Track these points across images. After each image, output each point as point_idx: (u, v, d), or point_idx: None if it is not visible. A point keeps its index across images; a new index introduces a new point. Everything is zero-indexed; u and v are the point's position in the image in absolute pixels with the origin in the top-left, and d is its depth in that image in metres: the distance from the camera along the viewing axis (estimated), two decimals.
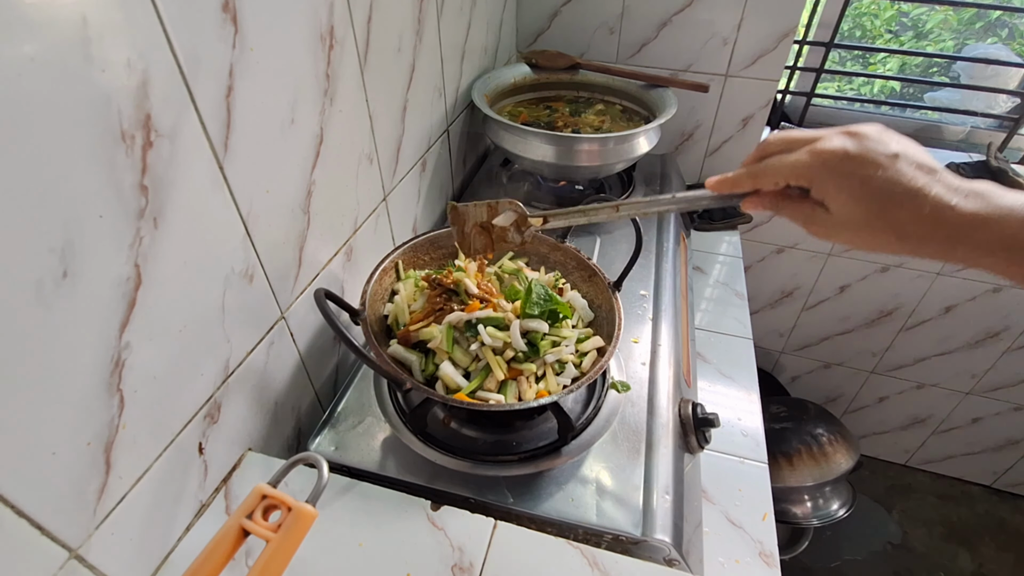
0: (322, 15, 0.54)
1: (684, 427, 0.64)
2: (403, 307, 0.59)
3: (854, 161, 0.37)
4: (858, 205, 0.37)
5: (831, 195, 0.38)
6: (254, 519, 0.35)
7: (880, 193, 0.36)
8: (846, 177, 0.37)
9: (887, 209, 0.36)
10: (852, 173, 0.37)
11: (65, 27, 0.31)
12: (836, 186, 0.38)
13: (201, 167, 0.43)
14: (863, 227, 0.38)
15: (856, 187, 0.37)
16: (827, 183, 0.38)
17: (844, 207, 0.38)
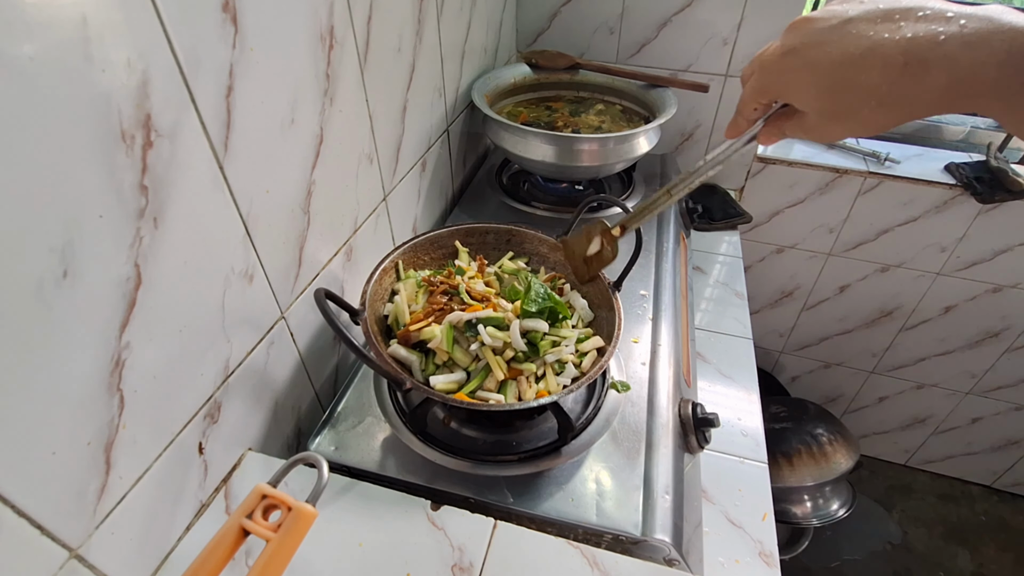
0: (322, 15, 0.54)
1: (684, 427, 0.64)
2: (403, 307, 0.59)
3: (796, 52, 0.34)
4: (820, 93, 0.34)
5: (793, 97, 0.36)
6: (254, 519, 0.35)
7: (836, 67, 0.32)
8: (793, 72, 0.34)
9: (850, 80, 0.32)
10: (797, 66, 0.34)
11: (65, 27, 0.31)
12: (789, 86, 0.35)
13: (201, 167, 0.43)
14: (840, 111, 0.34)
15: (807, 77, 0.34)
16: (782, 88, 0.36)
17: (810, 100, 0.35)
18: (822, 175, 1.26)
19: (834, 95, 0.33)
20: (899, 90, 0.31)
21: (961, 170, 1.21)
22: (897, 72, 0.30)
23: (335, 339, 0.69)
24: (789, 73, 0.35)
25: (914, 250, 1.33)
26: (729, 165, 1.36)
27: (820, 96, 0.34)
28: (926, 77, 0.30)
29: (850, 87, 0.32)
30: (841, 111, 0.34)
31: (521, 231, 0.70)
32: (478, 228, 0.70)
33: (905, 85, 0.30)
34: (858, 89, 0.32)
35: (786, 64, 0.35)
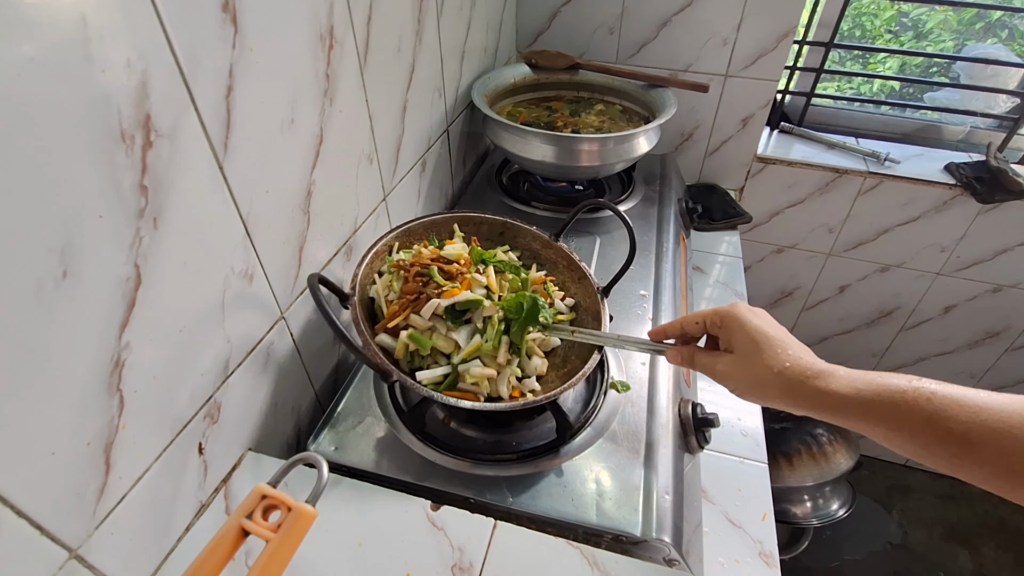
0: (322, 15, 0.54)
1: (684, 427, 0.64)
2: (380, 295, 0.59)
3: (757, 315, 0.48)
4: (755, 341, 0.46)
5: (736, 334, 0.47)
6: (254, 519, 0.35)
7: (771, 337, 0.46)
8: (750, 322, 0.47)
9: (774, 347, 0.45)
10: (755, 321, 0.47)
11: (65, 27, 0.31)
12: (740, 327, 0.47)
13: (201, 167, 0.43)
14: (755, 361, 0.45)
15: (754, 329, 0.46)
16: (734, 325, 0.48)
17: (744, 343, 0.47)
18: (822, 175, 1.26)
19: (759, 347, 0.46)
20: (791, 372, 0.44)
21: (961, 170, 1.21)
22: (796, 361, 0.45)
23: (335, 339, 0.69)
24: (744, 319, 0.48)
25: (914, 250, 1.33)
26: (729, 165, 1.35)
27: (751, 342, 0.46)
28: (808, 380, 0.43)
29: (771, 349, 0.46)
30: (753, 361, 0.46)
31: (515, 225, 0.70)
32: (473, 218, 0.70)
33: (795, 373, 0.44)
34: (775, 353, 0.45)
35: (746, 314, 0.48)
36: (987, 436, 0.35)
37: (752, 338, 0.46)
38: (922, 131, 1.38)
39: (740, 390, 0.47)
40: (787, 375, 0.43)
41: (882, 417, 0.39)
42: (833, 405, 0.41)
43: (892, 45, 1.65)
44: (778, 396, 0.44)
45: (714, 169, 1.29)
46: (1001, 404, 0.36)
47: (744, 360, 0.47)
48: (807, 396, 0.43)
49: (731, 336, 0.48)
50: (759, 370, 0.45)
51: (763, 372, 0.45)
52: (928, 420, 0.37)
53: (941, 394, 0.37)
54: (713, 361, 0.50)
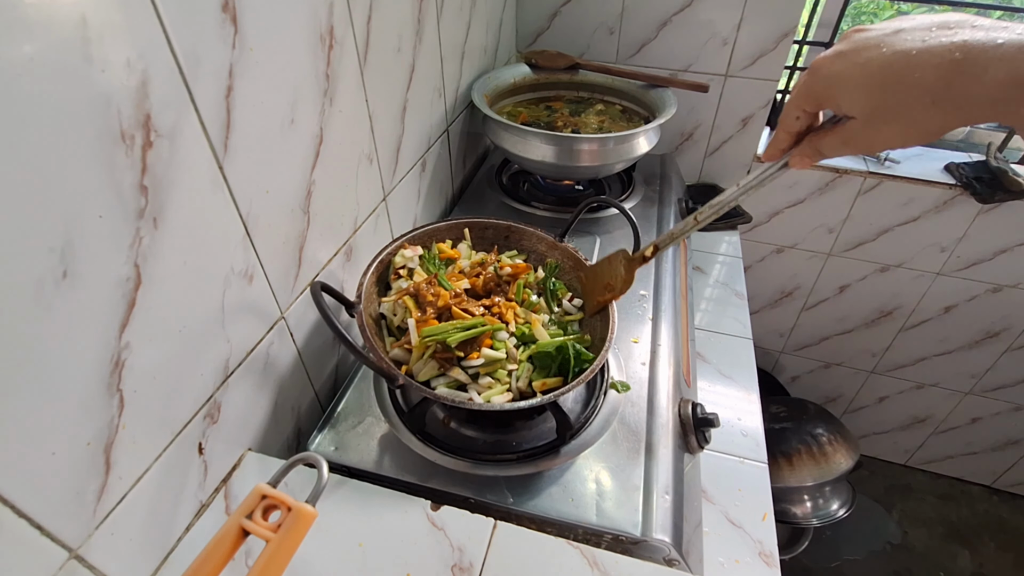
0: (322, 15, 0.54)
1: (684, 427, 0.64)
2: (390, 315, 0.60)
3: (846, 55, 0.34)
4: (871, 89, 0.33)
5: (841, 98, 0.35)
6: (254, 519, 0.35)
7: (889, 63, 0.32)
8: (845, 71, 0.34)
9: (903, 76, 0.32)
10: (850, 64, 0.34)
11: (65, 27, 0.31)
12: (841, 84, 0.35)
13: (201, 167, 0.43)
14: (891, 111, 0.33)
15: (858, 73, 0.34)
16: (829, 90, 0.36)
17: (860, 100, 0.34)
18: (822, 175, 1.26)
19: (885, 93, 0.33)
20: (955, 88, 0.30)
21: (961, 170, 1.21)
22: (953, 69, 0.30)
23: (335, 339, 0.69)
24: (839, 73, 0.35)
25: (914, 250, 1.33)
26: (729, 165, 1.36)
27: (871, 94, 0.34)
28: (983, 75, 0.29)
29: (903, 84, 0.32)
30: (891, 111, 0.33)
31: (520, 228, 0.70)
32: (477, 223, 0.70)
33: (961, 83, 0.30)
34: (911, 86, 0.32)
35: (837, 65, 0.35)
36: None
37: (863, 87, 0.34)
38: None
39: (896, 145, 0.36)
40: (948, 100, 0.31)
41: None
42: None
43: None
44: (952, 122, 0.32)
45: (714, 169, 1.29)
46: None
47: (874, 117, 0.34)
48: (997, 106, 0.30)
49: (837, 101, 0.36)
50: (904, 116, 0.33)
51: (912, 116, 0.33)
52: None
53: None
54: (840, 137, 0.38)
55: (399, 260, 0.64)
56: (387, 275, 0.64)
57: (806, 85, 0.37)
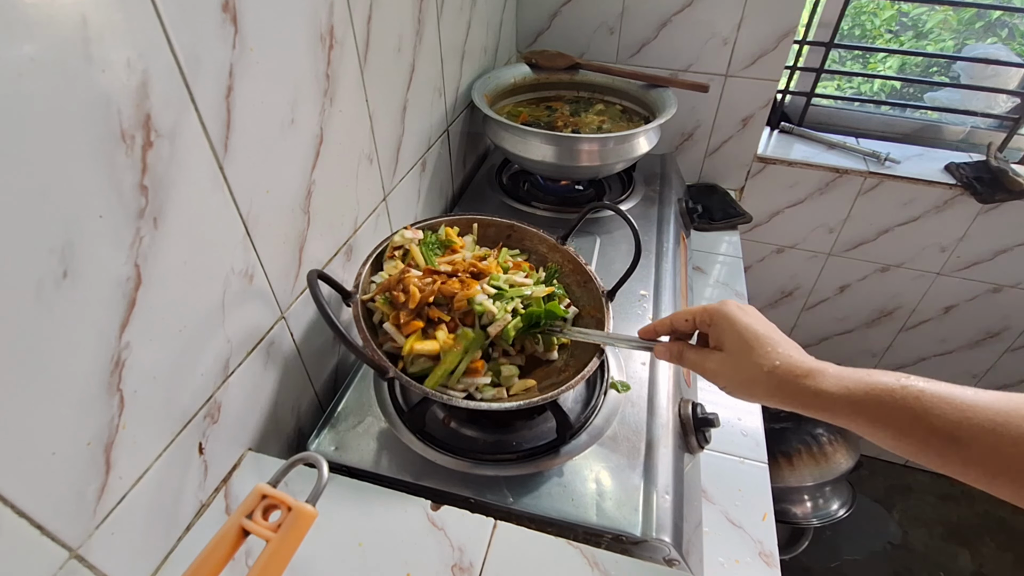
0: (322, 15, 0.54)
1: (684, 427, 0.64)
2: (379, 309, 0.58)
3: (747, 312, 0.48)
4: (745, 339, 0.45)
5: (725, 332, 0.47)
6: (254, 519, 0.35)
7: (761, 334, 0.45)
8: (740, 319, 0.47)
9: (764, 345, 0.44)
10: (744, 317, 0.47)
11: (65, 27, 0.31)
12: (730, 325, 0.47)
13: (201, 167, 0.43)
14: (745, 360, 0.45)
15: (744, 327, 0.46)
16: (724, 323, 0.47)
17: (733, 341, 0.46)
18: (822, 175, 1.26)
19: (749, 345, 0.45)
20: (781, 371, 0.44)
21: (961, 170, 1.21)
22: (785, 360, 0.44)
23: (335, 338, 0.69)
24: (735, 317, 0.47)
25: (914, 250, 1.33)
26: (729, 165, 1.35)
27: (740, 340, 0.46)
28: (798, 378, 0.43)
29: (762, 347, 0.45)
30: (743, 359, 0.46)
31: (522, 228, 0.70)
32: (480, 221, 0.70)
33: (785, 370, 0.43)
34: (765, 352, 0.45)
35: (736, 312, 0.47)
36: (976, 434, 0.35)
37: (742, 336, 0.46)
38: (922, 131, 1.38)
39: (730, 388, 0.47)
40: (777, 374, 0.43)
41: (871, 416, 0.39)
42: (823, 404, 0.41)
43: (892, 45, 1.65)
44: (768, 395, 0.44)
45: (714, 169, 1.29)
46: (989, 402, 0.35)
47: (734, 359, 0.46)
48: (796, 395, 0.42)
49: (721, 334, 0.47)
50: (749, 369, 0.45)
51: (753, 371, 0.44)
52: (916, 418, 0.37)
53: (930, 392, 0.37)
54: (703, 359, 0.49)
55: (397, 239, 0.63)
56: (382, 259, 0.64)
57: (713, 310, 0.49)
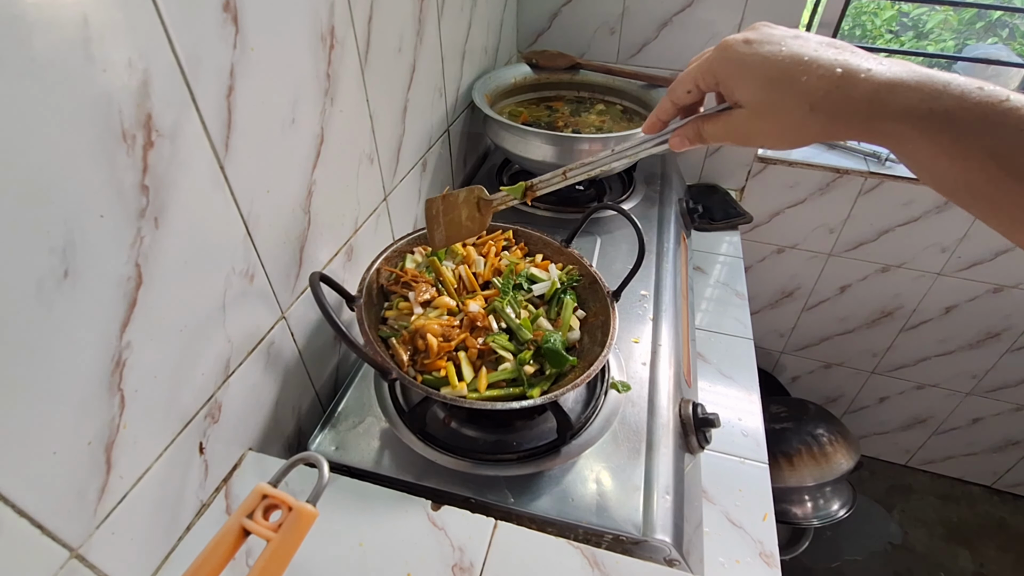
0: (323, 15, 0.54)
1: (684, 427, 0.64)
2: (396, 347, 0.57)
3: (753, 43, 0.37)
4: (764, 81, 0.36)
5: (737, 83, 0.37)
6: (255, 519, 0.35)
7: (785, 62, 0.35)
8: (749, 58, 0.37)
9: (793, 78, 0.35)
10: (753, 53, 0.36)
11: (66, 27, 0.31)
12: (739, 71, 0.37)
13: (202, 167, 0.43)
14: (775, 108, 0.36)
15: (759, 64, 0.36)
16: (731, 71, 0.38)
17: (751, 90, 0.37)
18: (823, 175, 1.26)
19: (773, 89, 0.36)
20: (831, 99, 0.34)
21: None
22: (833, 81, 0.34)
23: (335, 338, 0.69)
24: (743, 59, 0.37)
25: (915, 250, 1.32)
26: (729, 165, 1.35)
27: (760, 87, 0.36)
28: (854, 91, 0.33)
29: (790, 84, 0.35)
30: (776, 108, 0.36)
31: (525, 232, 0.70)
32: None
33: (837, 95, 0.34)
34: (797, 88, 0.35)
35: (743, 49, 0.37)
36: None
37: (761, 78, 0.36)
38: None
39: (773, 143, 0.38)
40: (825, 108, 0.34)
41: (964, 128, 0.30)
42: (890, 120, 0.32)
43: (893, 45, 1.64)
44: (823, 135, 0.35)
45: (715, 169, 1.29)
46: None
47: (763, 109, 0.37)
48: (860, 122, 0.33)
49: (734, 86, 0.38)
50: (786, 114, 0.36)
51: (792, 116, 0.35)
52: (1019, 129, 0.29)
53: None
54: (726, 126, 0.39)
55: (409, 264, 0.64)
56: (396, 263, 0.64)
57: (710, 61, 0.39)
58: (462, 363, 0.55)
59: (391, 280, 0.63)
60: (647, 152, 0.44)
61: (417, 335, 0.55)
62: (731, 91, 0.38)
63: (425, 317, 0.57)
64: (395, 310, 0.60)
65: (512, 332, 0.58)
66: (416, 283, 0.60)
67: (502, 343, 0.56)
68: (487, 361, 0.57)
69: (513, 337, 0.58)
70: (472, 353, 0.56)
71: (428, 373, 0.54)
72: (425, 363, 0.54)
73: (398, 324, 0.58)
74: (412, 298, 0.59)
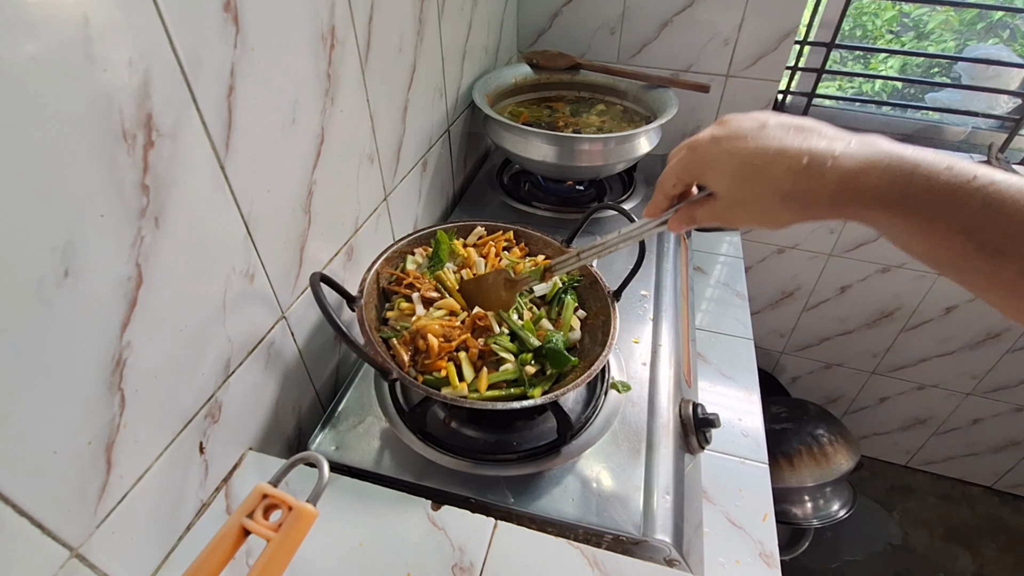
0: (323, 15, 0.54)
1: (685, 427, 0.64)
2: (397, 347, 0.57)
3: (720, 141, 0.39)
4: (734, 177, 0.38)
5: (712, 178, 0.40)
6: (255, 518, 0.35)
7: (752, 158, 0.37)
8: (717, 157, 0.39)
9: (761, 172, 0.36)
10: (721, 151, 0.39)
11: (67, 26, 0.31)
12: (712, 168, 0.40)
13: (202, 167, 0.43)
14: (748, 199, 0.38)
15: (726, 161, 0.38)
16: (705, 169, 0.40)
17: (725, 184, 0.39)
18: None
19: (745, 184, 0.38)
20: (799, 188, 0.35)
21: None
22: (799, 171, 0.35)
23: (335, 338, 0.69)
24: (712, 157, 0.40)
25: None
26: None
27: (734, 183, 0.39)
28: (821, 180, 0.34)
29: (760, 179, 0.37)
30: (749, 200, 0.38)
31: (526, 232, 0.70)
32: (485, 226, 0.70)
33: (805, 185, 0.35)
34: (765, 181, 0.37)
35: (712, 150, 0.40)
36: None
37: (728, 174, 0.38)
38: (923, 131, 1.38)
39: (754, 226, 0.40)
40: (795, 198, 0.35)
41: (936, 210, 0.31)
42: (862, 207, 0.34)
43: (893, 45, 1.64)
44: (797, 217, 0.37)
45: None
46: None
47: (736, 200, 0.39)
48: (833, 208, 0.35)
49: (708, 181, 0.41)
50: (759, 205, 0.38)
51: (765, 205, 0.37)
52: (986, 206, 0.30)
53: (1000, 180, 0.31)
54: (710, 211, 0.42)
55: (410, 265, 0.64)
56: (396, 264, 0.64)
57: (684, 160, 0.42)
58: (463, 363, 0.55)
59: (392, 281, 0.63)
60: (649, 233, 0.48)
61: (418, 335, 0.55)
62: (708, 184, 0.41)
63: (428, 317, 0.57)
64: (396, 311, 0.60)
65: (514, 334, 0.58)
66: (419, 283, 0.61)
67: (504, 344, 0.56)
68: (488, 362, 0.57)
69: (515, 338, 0.58)
70: (473, 353, 0.56)
71: (429, 373, 0.54)
72: (426, 363, 0.54)
73: (399, 325, 0.58)
74: (416, 298, 0.59)
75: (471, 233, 0.70)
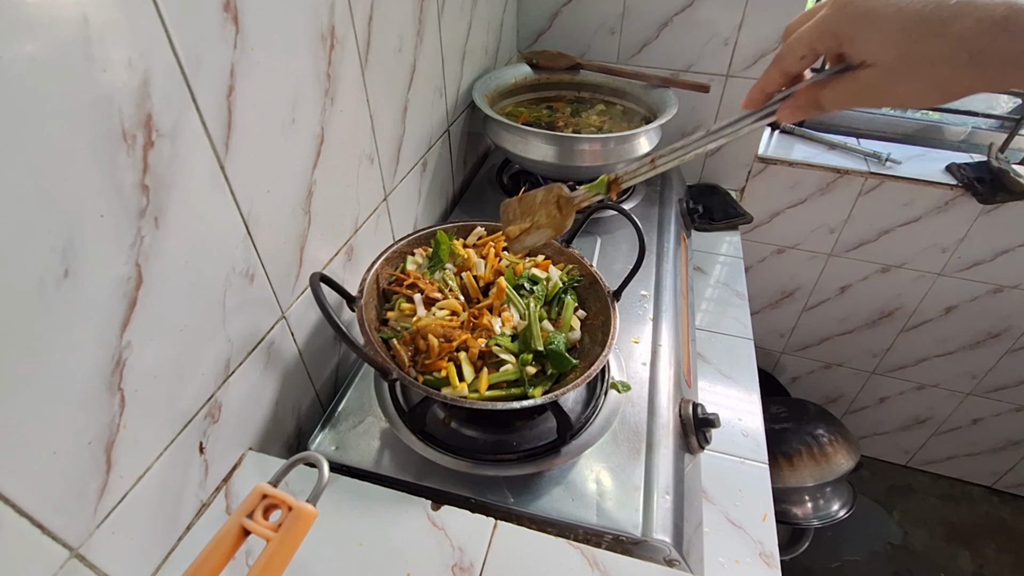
0: (323, 15, 0.54)
1: (684, 427, 0.64)
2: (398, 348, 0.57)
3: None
4: (903, 36, 0.30)
5: (868, 39, 0.31)
6: (255, 518, 0.35)
7: (927, 11, 0.29)
8: (879, 10, 0.31)
9: (941, 28, 0.29)
10: (884, 5, 0.31)
11: (66, 26, 0.31)
12: (870, 26, 0.31)
13: (202, 167, 0.43)
14: (920, 64, 0.30)
15: (893, 16, 0.30)
16: (859, 27, 0.32)
17: (888, 48, 0.31)
18: (823, 175, 1.26)
19: (918, 42, 0.30)
20: (995, 46, 0.28)
21: (962, 171, 1.21)
22: (996, 25, 0.28)
23: (335, 338, 0.69)
24: (872, 12, 0.31)
25: (915, 251, 1.32)
26: (730, 165, 1.35)
27: (899, 42, 0.30)
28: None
29: (941, 36, 0.29)
30: (919, 64, 0.30)
31: None
32: (485, 226, 0.70)
33: (1004, 40, 0.28)
34: (949, 39, 0.29)
35: (867, 3, 0.31)
36: None
37: (898, 31, 0.30)
38: (923, 131, 1.38)
39: (914, 102, 0.33)
40: (985, 58, 0.28)
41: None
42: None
43: None
44: (982, 85, 0.30)
45: (715, 169, 1.29)
46: None
47: (900, 67, 0.31)
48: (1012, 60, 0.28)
49: (863, 43, 0.32)
50: (934, 70, 0.30)
51: (942, 72, 0.30)
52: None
53: None
54: (849, 89, 0.34)
55: (410, 266, 0.64)
56: (396, 264, 0.64)
57: (827, 20, 0.33)
58: (463, 363, 0.55)
59: (392, 282, 0.63)
60: (748, 128, 0.38)
61: (418, 335, 0.55)
62: (859, 50, 0.32)
63: (431, 316, 0.57)
64: (396, 311, 0.60)
65: (515, 335, 0.58)
66: (422, 284, 0.61)
67: (505, 345, 0.56)
68: (489, 363, 0.57)
69: (516, 339, 0.58)
70: (473, 354, 0.56)
71: (429, 373, 0.54)
72: (426, 363, 0.54)
73: (399, 325, 0.58)
74: (418, 299, 0.59)
75: (471, 233, 0.70)
